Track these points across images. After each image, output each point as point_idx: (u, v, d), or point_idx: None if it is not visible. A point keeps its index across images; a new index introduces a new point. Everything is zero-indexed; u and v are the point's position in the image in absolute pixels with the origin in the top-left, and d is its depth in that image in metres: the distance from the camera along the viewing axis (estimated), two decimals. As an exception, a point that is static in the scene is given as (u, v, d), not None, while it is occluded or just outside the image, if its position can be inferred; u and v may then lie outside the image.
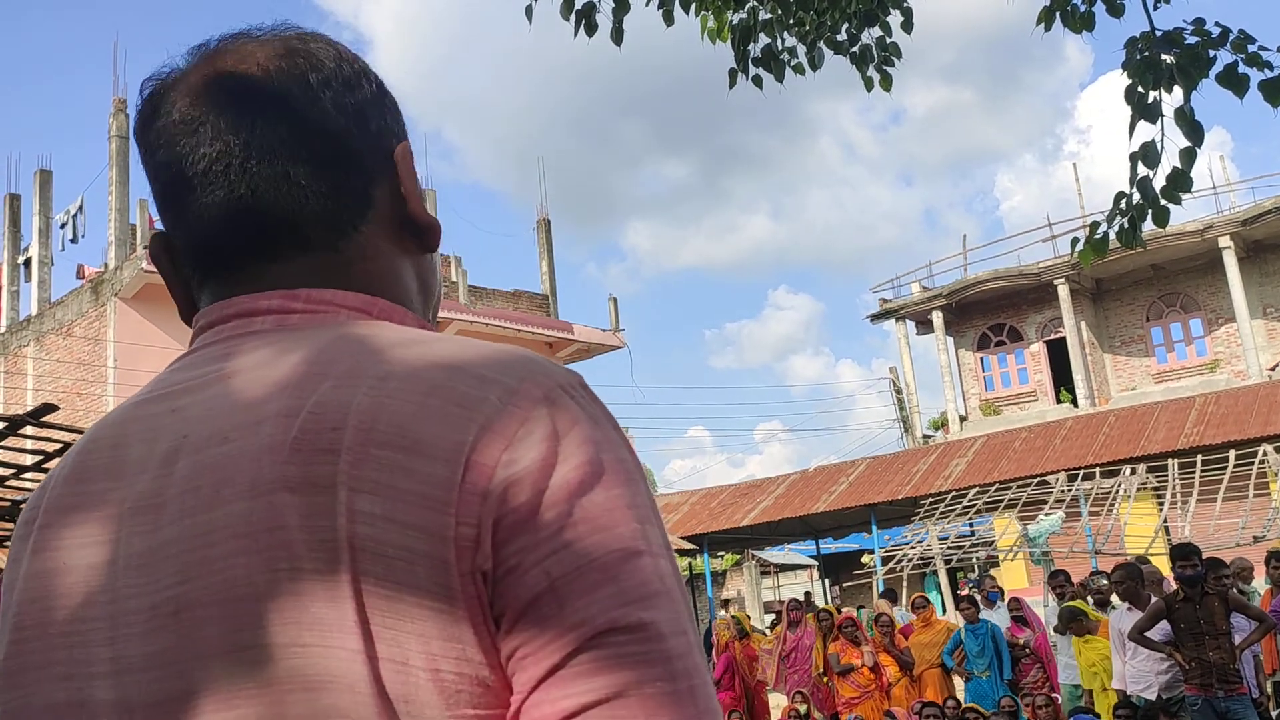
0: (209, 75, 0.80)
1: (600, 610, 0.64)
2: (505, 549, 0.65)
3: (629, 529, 0.67)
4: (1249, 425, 19.38)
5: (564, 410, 0.69)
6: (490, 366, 0.70)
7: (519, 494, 0.65)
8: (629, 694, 0.63)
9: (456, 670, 0.65)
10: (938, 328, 29.19)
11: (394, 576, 0.64)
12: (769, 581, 34.19)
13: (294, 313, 0.77)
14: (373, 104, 0.83)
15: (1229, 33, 3.75)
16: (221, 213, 0.78)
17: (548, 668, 0.64)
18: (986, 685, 10.17)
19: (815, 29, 4.75)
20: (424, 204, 0.84)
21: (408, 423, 0.67)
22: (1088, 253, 4.12)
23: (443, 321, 24.03)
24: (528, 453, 0.66)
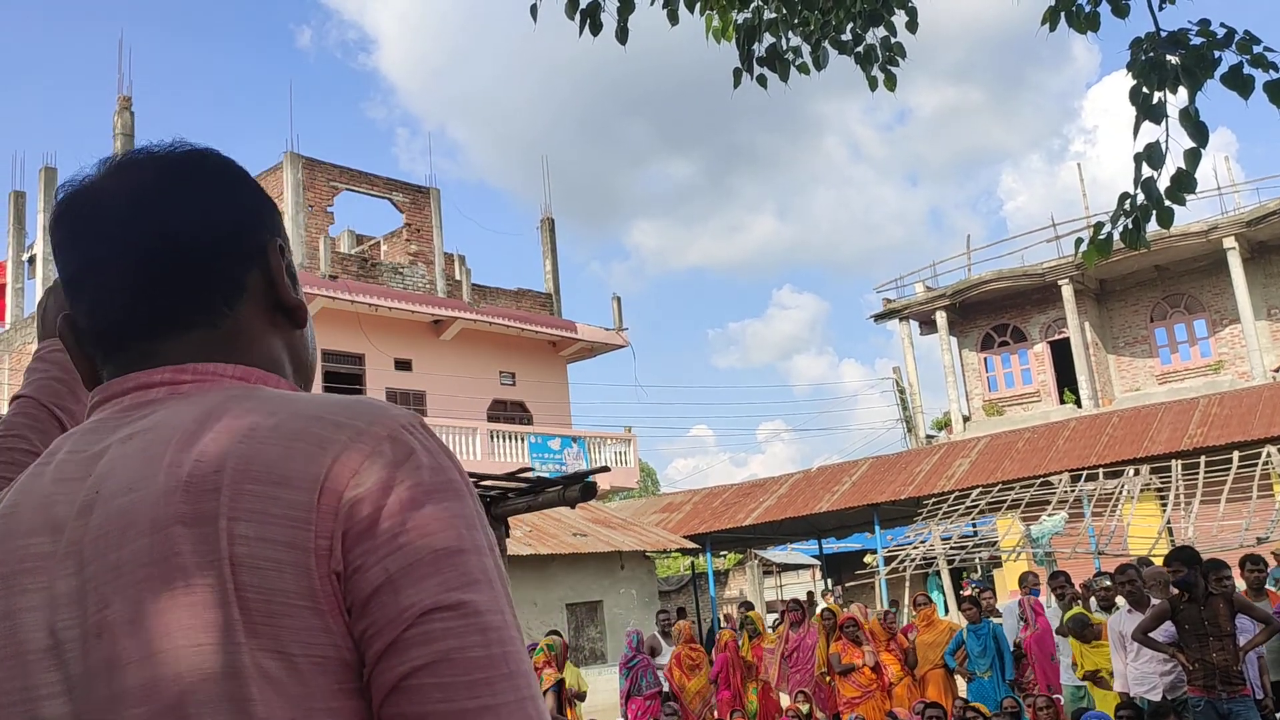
0: (106, 187, 0.98)
1: (427, 594, 0.81)
2: (352, 553, 0.82)
3: (453, 533, 0.84)
4: (1253, 426, 19.34)
5: (403, 445, 0.86)
6: (343, 414, 0.88)
7: (362, 510, 0.83)
8: (451, 657, 0.80)
9: (321, 653, 0.81)
10: (941, 328, 29.17)
11: (268, 583, 0.81)
12: (771, 581, 34.18)
13: (184, 383, 0.94)
14: (245, 209, 1.01)
15: (1234, 34, 3.75)
16: (114, 303, 0.96)
17: (387, 642, 0.81)
18: (989, 685, 10.17)
19: (820, 28, 4.75)
20: (291, 289, 1.01)
21: (275, 462, 0.84)
22: (1092, 253, 4.12)
23: (446, 321, 24.05)
24: (370, 478, 0.84)
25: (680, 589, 32.46)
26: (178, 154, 1.01)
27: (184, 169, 0.99)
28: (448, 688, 0.80)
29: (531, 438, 24.26)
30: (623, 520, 22.99)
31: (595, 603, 20.00)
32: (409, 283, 24.21)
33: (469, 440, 23.00)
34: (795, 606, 11.78)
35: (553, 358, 27.27)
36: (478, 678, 0.80)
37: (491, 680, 0.81)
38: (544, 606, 18.68)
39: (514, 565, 16.36)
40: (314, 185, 23.08)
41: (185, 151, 1.01)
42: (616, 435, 26.55)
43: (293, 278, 1.03)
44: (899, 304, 30.15)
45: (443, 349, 24.46)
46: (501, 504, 7.85)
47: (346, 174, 23.99)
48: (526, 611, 17.94)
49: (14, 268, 25.39)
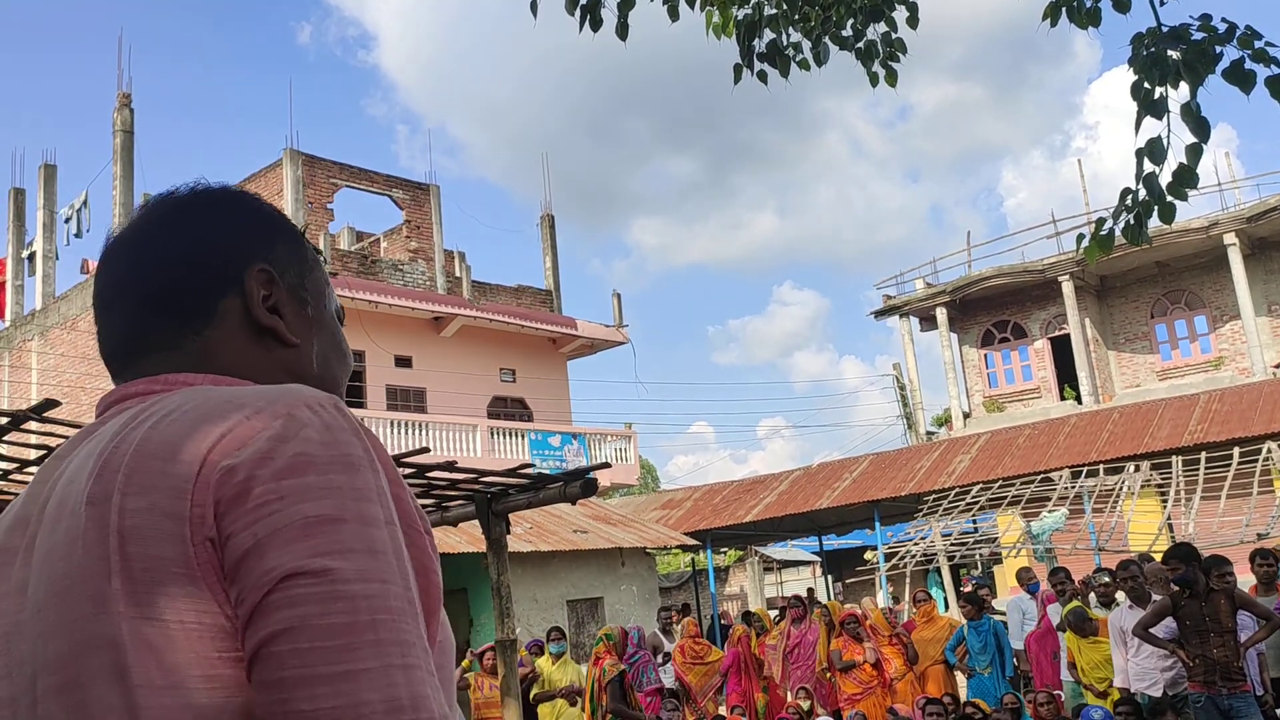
0: (121, 231, 1.10)
1: (291, 559, 0.82)
2: (224, 520, 0.84)
3: (331, 502, 0.84)
4: (1253, 423, 19.34)
5: (297, 420, 0.88)
6: (253, 396, 0.91)
7: (233, 478, 0.85)
8: (310, 622, 0.80)
9: (198, 620, 0.83)
10: (942, 324, 29.17)
11: (150, 552, 0.84)
12: (771, 578, 34.19)
13: (155, 391, 1.00)
14: (221, 242, 1.07)
15: (1235, 28, 3.74)
16: (110, 331, 1.08)
17: (250, 606, 0.82)
18: (989, 682, 10.18)
19: (820, 24, 4.74)
20: (264, 313, 1.06)
21: (173, 440, 0.88)
22: (1093, 249, 4.11)
23: (447, 318, 24.04)
24: (249, 449, 0.86)
25: (681, 586, 32.47)
26: (175, 197, 1.11)
27: (172, 210, 1.09)
28: (304, 654, 0.79)
29: (532, 434, 24.26)
30: (623, 517, 22.99)
31: (596, 599, 20.01)
32: (409, 280, 24.21)
33: (469, 437, 23.00)
34: (796, 603, 11.78)
35: (553, 354, 27.27)
36: (338, 644, 0.80)
37: (354, 647, 0.80)
38: (545, 603, 18.69)
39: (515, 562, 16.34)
40: (314, 182, 23.06)
41: (183, 193, 1.11)
42: (617, 432, 26.55)
43: (299, 300, 1.10)
44: (899, 300, 30.15)
45: (443, 346, 24.45)
46: (502, 500, 7.85)
47: (346, 171, 23.98)
48: (527, 608, 17.95)
49: (13, 265, 25.37)
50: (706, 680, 11.30)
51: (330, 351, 1.13)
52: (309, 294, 1.11)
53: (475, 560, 15.16)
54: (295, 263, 1.11)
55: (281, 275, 1.08)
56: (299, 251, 1.13)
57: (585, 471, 7.68)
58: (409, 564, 0.88)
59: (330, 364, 1.12)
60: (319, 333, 1.12)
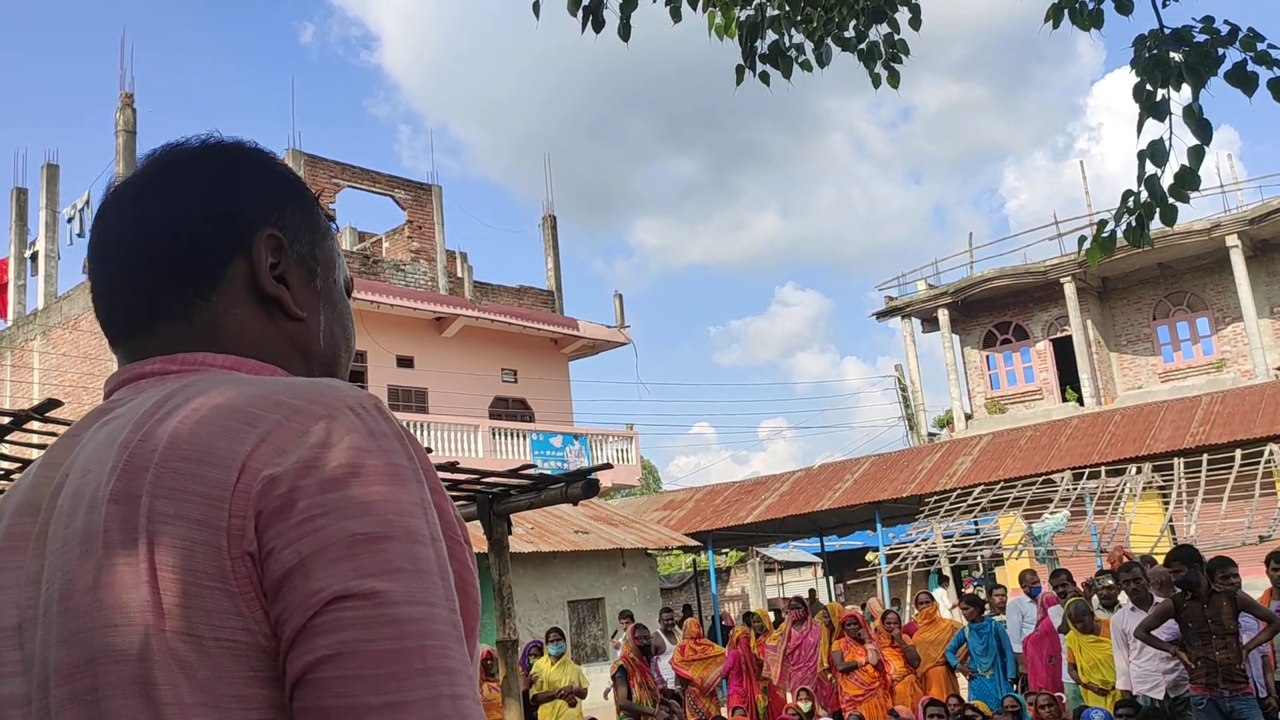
0: (120, 186, 1.03)
1: (337, 580, 0.77)
2: (266, 534, 0.79)
3: (378, 518, 0.79)
4: (1255, 425, 19.33)
5: (341, 424, 0.83)
6: (290, 393, 0.86)
7: (278, 488, 0.80)
8: (358, 649, 0.76)
9: (232, 637, 0.78)
10: (943, 325, 29.15)
11: (182, 563, 0.79)
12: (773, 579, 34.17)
13: (171, 372, 0.95)
14: (231, 200, 1.00)
15: (1238, 31, 3.74)
16: (110, 296, 1.00)
17: (294, 629, 0.77)
18: (990, 684, 10.16)
19: (823, 25, 4.74)
20: (270, 281, 1.00)
21: (204, 440, 0.82)
22: (1095, 251, 4.11)
23: (448, 318, 24.05)
24: (292, 456, 0.81)
25: (682, 586, 32.47)
26: (184, 148, 1.04)
27: (178, 164, 1.02)
28: (350, 681, 0.75)
29: (533, 435, 24.26)
30: (624, 518, 22.99)
31: (597, 600, 20.01)
32: (411, 280, 24.21)
33: (471, 437, 23.00)
34: (798, 604, 11.77)
35: (554, 355, 27.27)
36: (385, 672, 0.76)
37: (401, 675, 0.76)
38: (546, 603, 18.69)
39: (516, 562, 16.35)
40: (316, 182, 23.07)
41: (193, 145, 1.04)
42: (618, 433, 26.55)
43: (308, 270, 1.04)
44: (901, 301, 30.14)
45: (445, 346, 24.46)
46: (504, 501, 7.85)
47: (348, 171, 23.99)
48: (528, 608, 17.95)
49: (16, 265, 25.38)
50: (708, 672, 11.29)
51: (336, 328, 1.07)
52: (319, 264, 1.05)
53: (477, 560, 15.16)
54: (307, 230, 1.05)
55: (291, 243, 1.02)
56: (312, 218, 1.07)
57: (587, 472, 7.68)
58: (452, 581, 0.84)
59: (335, 341, 1.07)
60: (326, 307, 1.06)
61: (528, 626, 16.88)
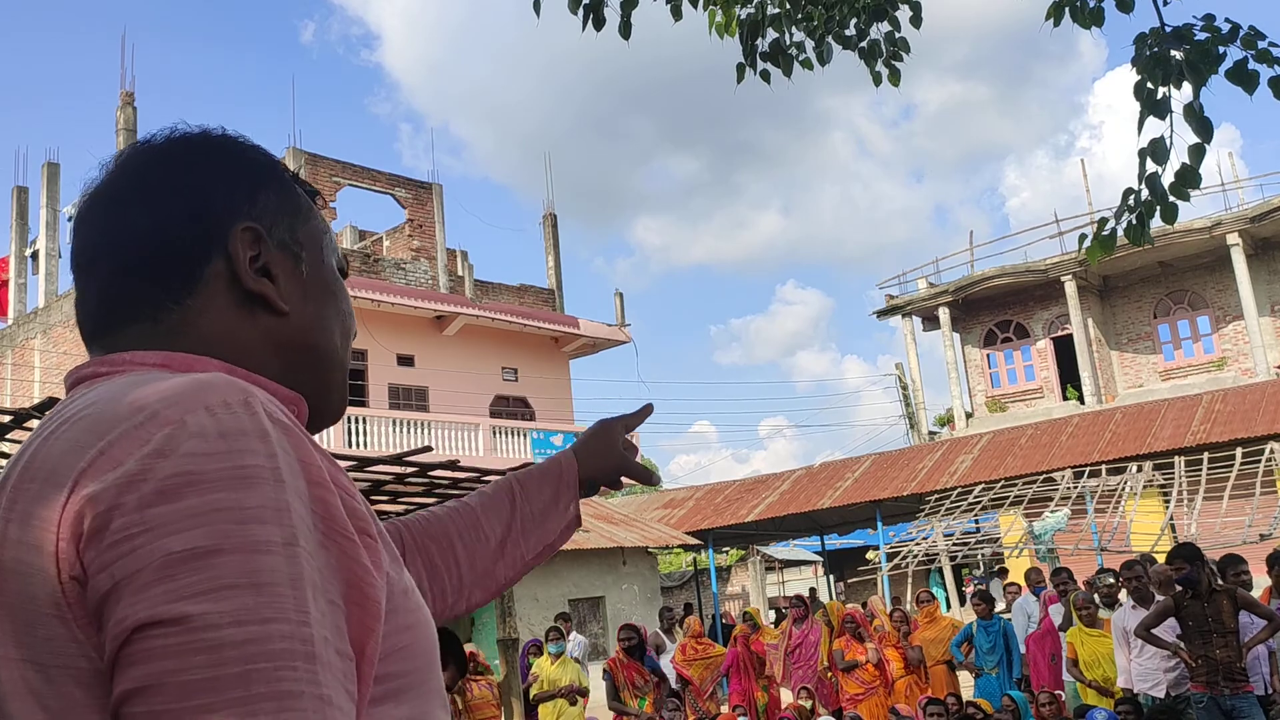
0: (93, 187, 0.98)
1: (144, 606, 0.70)
2: (85, 558, 0.73)
3: (205, 530, 0.72)
4: (1256, 423, 19.33)
5: (186, 429, 0.75)
6: (159, 398, 0.78)
7: (95, 507, 0.73)
8: (165, 681, 0.69)
9: (74, 664, 0.74)
10: (944, 324, 29.15)
11: (24, 590, 0.75)
12: (773, 577, 34.19)
13: (100, 376, 0.89)
14: (204, 198, 0.95)
15: (1239, 29, 3.73)
16: (82, 299, 0.96)
17: (109, 660, 0.72)
18: (995, 682, 10.14)
19: (823, 24, 4.74)
20: (251, 277, 0.94)
21: (55, 457, 0.77)
22: (1095, 249, 4.11)
23: (449, 316, 24.05)
24: (119, 470, 0.74)
25: (682, 585, 32.49)
26: (149, 145, 0.99)
27: (148, 161, 0.97)
28: (158, 716, 0.69)
29: (534, 433, 24.27)
30: (625, 516, 23.00)
31: (598, 598, 20.02)
32: (411, 278, 24.22)
33: (472, 436, 23.01)
34: (799, 603, 11.78)
35: (555, 354, 27.27)
36: (192, 704, 0.69)
37: (213, 708, 0.68)
38: (546, 602, 18.70)
39: (516, 561, 16.34)
40: (316, 180, 23.07)
41: (158, 141, 0.99)
42: (619, 431, 26.51)
43: (292, 256, 0.98)
44: (902, 300, 30.14)
45: (445, 345, 24.46)
46: (504, 500, 7.85)
47: (349, 169, 23.99)
48: (529, 607, 17.96)
49: (16, 263, 25.39)
50: (708, 674, 11.29)
51: (329, 313, 1.01)
52: (303, 248, 1.00)
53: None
54: (286, 214, 0.99)
55: (270, 230, 0.96)
56: (289, 200, 1.01)
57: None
58: (321, 588, 0.76)
59: (329, 329, 1.01)
60: (316, 293, 1.00)
61: (528, 625, 16.89)
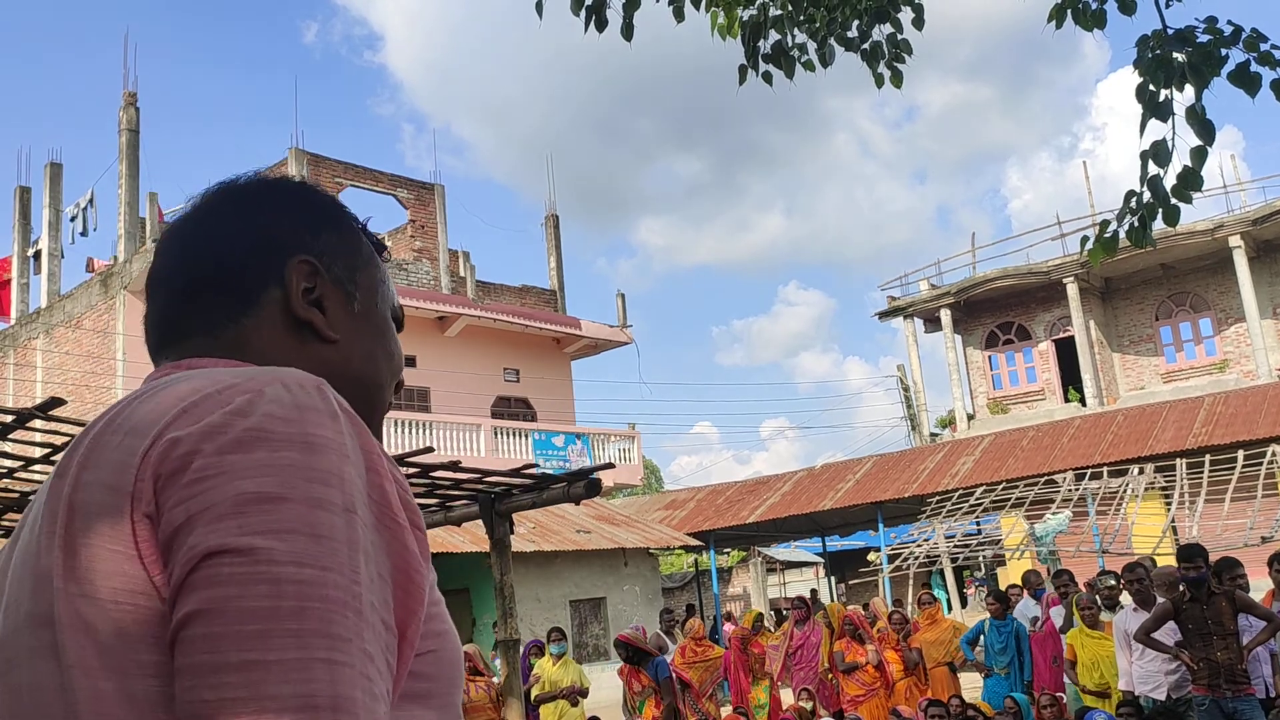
0: (177, 219, 1.10)
1: (216, 536, 0.76)
2: (162, 495, 0.80)
3: (275, 480, 0.78)
4: (1258, 425, 19.31)
5: (265, 396, 0.83)
6: (240, 375, 0.87)
7: (177, 449, 0.80)
8: (227, 605, 0.74)
9: (134, 602, 0.79)
10: (946, 326, 29.15)
11: (91, 527, 0.81)
12: (775, 579, 34.18)
13: (171, 375, 0.95)
14: (264, 233, 1.05)
15: (1241, 31, 3.74)
16: (152, 316, 1.06)
17: (175, 587, 0.77)
18: (1005, 683, 10.06)
19: (826, 25, 4.74)
20: (301, 305, 1.03)
21: (140, 415, 0.85)
22: (1097, 251, 4.11)
23: (451, 317, 24.05)
24: (199, 422, 0.81)
25: (684, 586, 32.49)
26: (229, 185, 1.10)
27: (223, 198, 1.08)
28: (216, 638, 0.73)
29: (535, 434, 24.27)
30: (626, 517, 22.99)
31: (599, 599, 20.02)
32: (413, 279, 24.23)
33: (473, 437, 23.01)
34: (800, 604, 11.78)
35: (557, 354, 27.28)
36: (252, 629, 0.73)
37: (269, 634, 0.73)
38: (548, 603, 18.70)
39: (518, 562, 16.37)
40: (318, 181, 22.97)
41: (239, 182, 1.10)
42: (620, 432, 26.55)
43: (345, 294, 1.06)
44: (904, 302, 30.14)
45: (447, 345, 24.47)
46: (506, 500, 7.86)
47: (351, 170, 24.00)
48: (530, 607, 17.96)
49: (19, 263, 25.41)
50: (708, 676, 11.29)
51: (377, 350, 1.09)
52: (358, 288, 1.08)
53: (478, 560, 15.18)
54: (345, 255, 1.08)
55: (327, 268, 1.05)
56: (352, 244, 1.10)
57: (589, 472, 7.68)
58: (373, 559, 0.81)
59: (376, 363, 1.08)
60: (365, 330, 1.08)
61: (529, 626, 16.88)
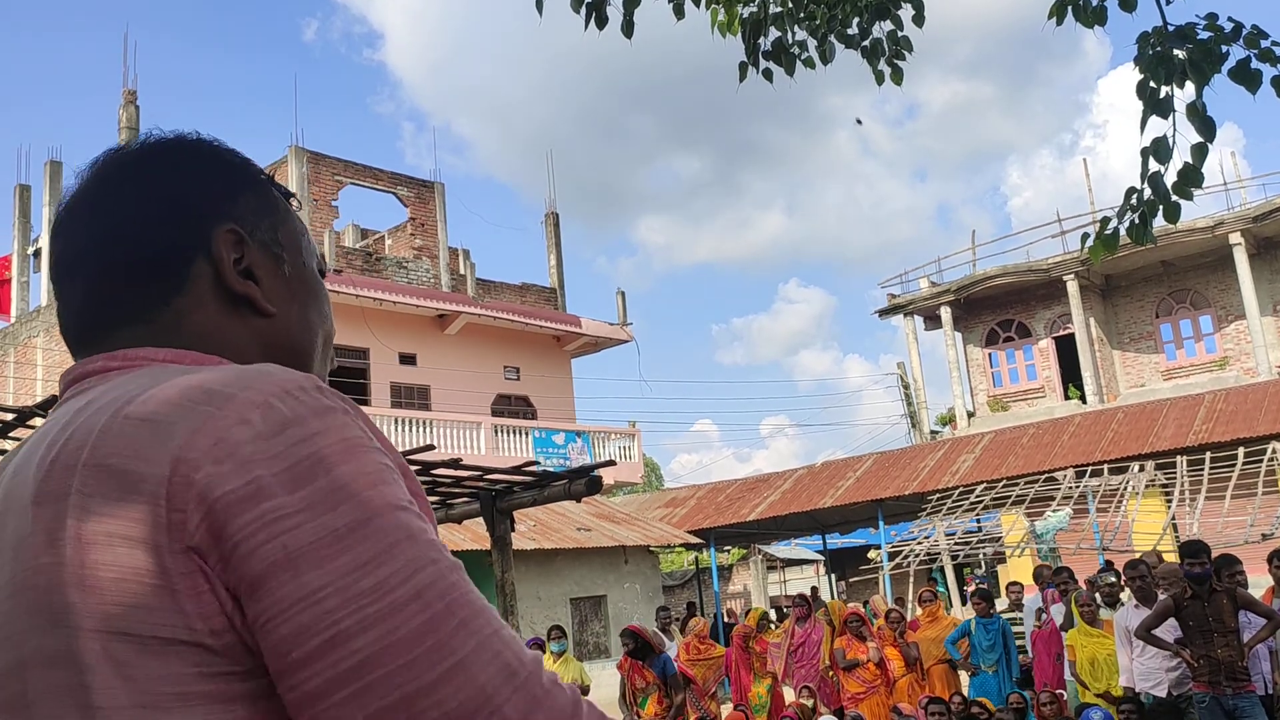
0: (76, 191, 1.00)
1: (334, 578, 0.75)
2: (229, 527, 0.76)
3: (354, 503, 0.77)
4: (1258, 423, 19.31)
5: (276, 412, 0.80)
6: (225, 383, 0.82)
7: (228, 483, 0.76)
8: (393, 639, 0.75)
9: (172, 634, 0.76)
10: (946, 323, 29.14)
11: (113, 560, 0.76)
12: (775, 576, 34.19)
13: (113, 370, 0.91)
14: (187, 202, 0.97)
15: (1241, 28, 3.73)
16: (68, 302, 0.98)
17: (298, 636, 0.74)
18: (993, 681, 10.12)
19: (826, 22, 4.74)
20: (241, 278, 0.97)
21: (135, 437, 0.79)
22: (1098, 248, 4.10)
23: (451, 315, 24.05)
24: (240, 449, 0.77)
25: (684, 584, 32.49)
26: (127, 152, 1.00)
27: (127, 166, 0.99)
28: (402, 671, 0.74)
29: (536, 432, 24.27)
30: (627, 515, 23.00)
31: (599, 597, 20.02)
32: (413, 277, 24.23)
33: (473, 435, 23.02)
34: (801, 602, 11.78)
35: (557, 352, 27.28)
36: (429, 645, 0.75)
37: (444, 642, 0.76)
38: (548, 601, 18.70)
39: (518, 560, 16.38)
40: (319, 179, 23.09)
41: (134, 148, 1.00)
42: (621, 430, 26.56)
43: (273, 258, 1.00)
44: (904, 299, 30.13)
45: (447, 343, 24.47)
46: (506, 498, 7.86)
47: (351, 168, 24.00)
48: (531, 605, 17.96)
49: (19, 261, 25.41)
50: (711, 673, 11.30)
51: (312, 314, 1.03)
52: (284, 249, 1.01)
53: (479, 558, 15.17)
54: (265, 214, 1.01)
55: (251, 233, 0.98)
56: (268, 201, 1.03)
57: (589, 469, 7.69)
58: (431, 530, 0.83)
59: (312, 329, 1.03)
60: (300, 294, 1.02)
61: (530, 624, 16.89)
